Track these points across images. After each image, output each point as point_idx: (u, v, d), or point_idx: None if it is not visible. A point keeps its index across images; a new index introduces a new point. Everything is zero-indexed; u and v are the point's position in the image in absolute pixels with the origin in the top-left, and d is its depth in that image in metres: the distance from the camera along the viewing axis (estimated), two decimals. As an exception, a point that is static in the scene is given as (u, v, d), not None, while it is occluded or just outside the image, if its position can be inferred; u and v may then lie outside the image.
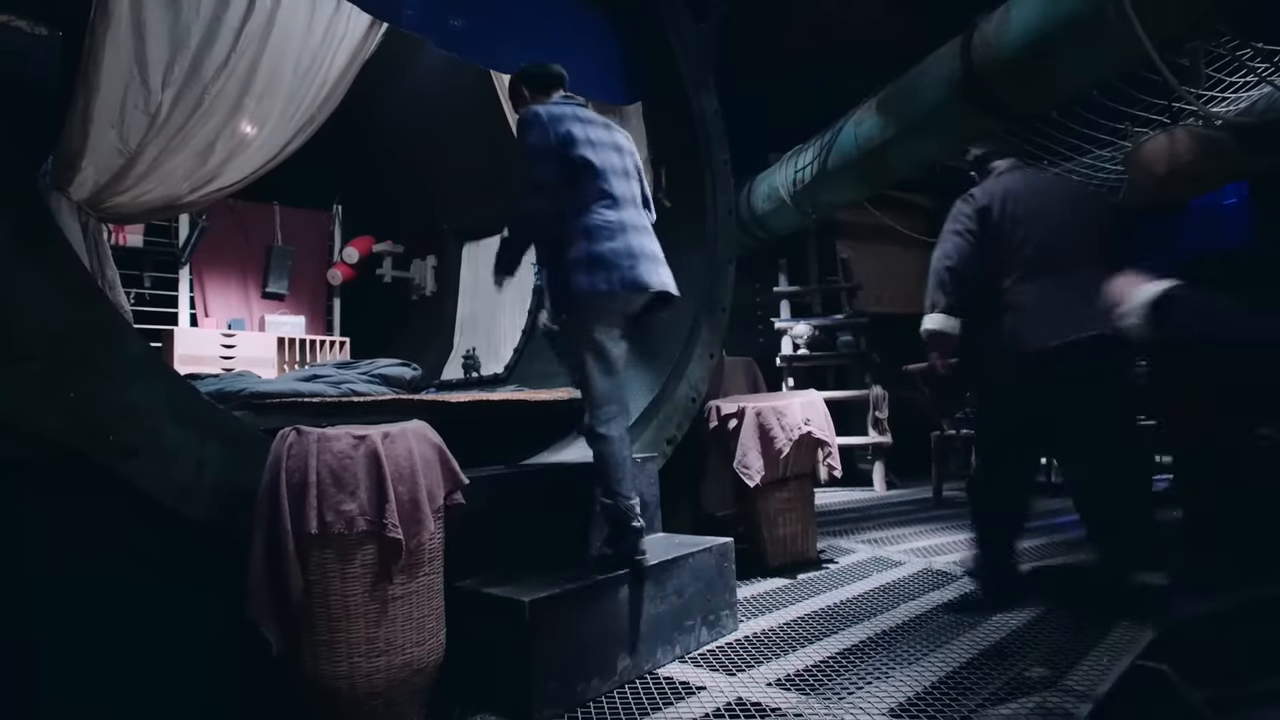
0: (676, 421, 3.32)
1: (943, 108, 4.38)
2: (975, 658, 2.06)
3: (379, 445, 1.72)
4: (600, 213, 2.25)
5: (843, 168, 5.25)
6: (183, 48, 2.16)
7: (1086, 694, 1.76)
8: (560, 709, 1.85)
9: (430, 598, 1.83)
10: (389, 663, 1.73)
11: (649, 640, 2.12)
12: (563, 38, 3.34)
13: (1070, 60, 3.65)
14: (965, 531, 3.90)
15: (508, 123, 3.29)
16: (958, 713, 1.69)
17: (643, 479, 2.69)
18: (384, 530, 1.67)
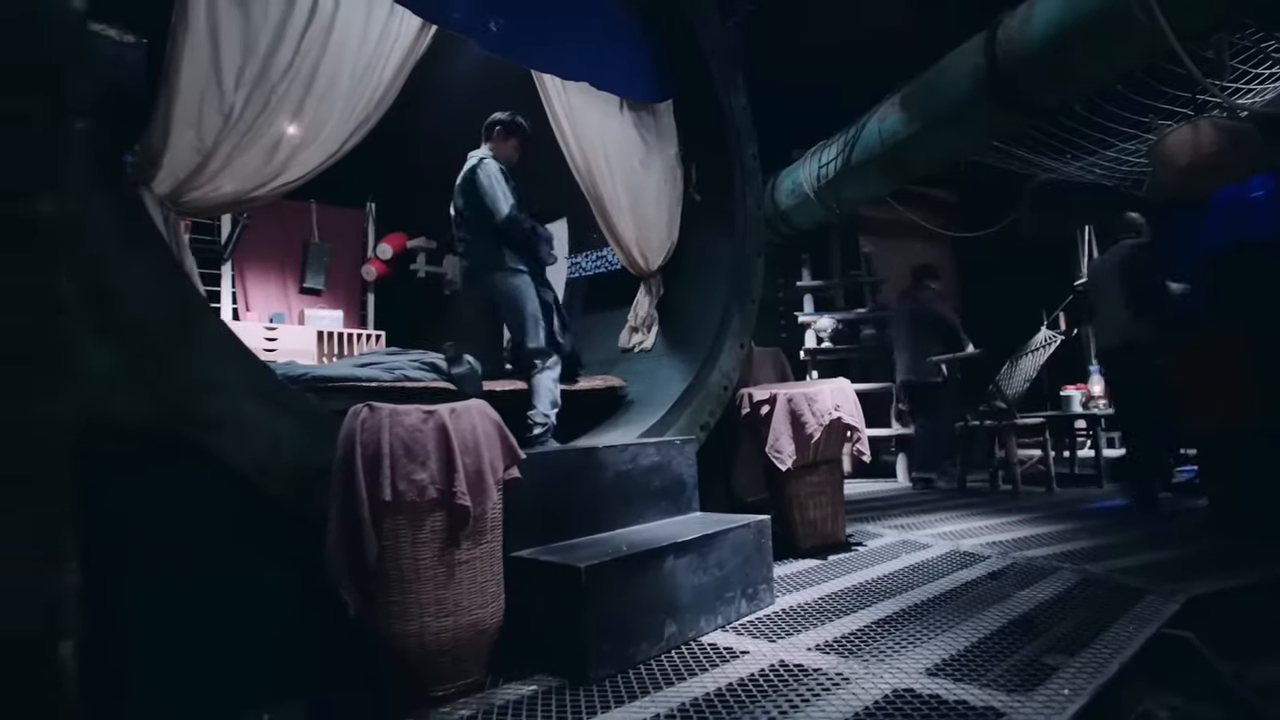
0: (709, 408, 3.43)
1: (966, 103, 4.45)
2: (1006, 626, 2.15)
3: (447, 420, 1.85)
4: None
5: (867, 163, 5.32)
6: (253, 51, 2.30)
7: (1112, 656, 1.85)
8: (613, 669, 1.97)
9: (492, 563, 1.96)
10: (456, 623, 1.86)
11: (693, 609, 2.23)
12: (597, 38, 3.46)
13: (1094, 54, 3.72)
14: (990, 518, 3.99)
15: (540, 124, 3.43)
16: (992, 673, 1.79)
17: (681, 460, 2.80)
18: (453, 498, 1.80)
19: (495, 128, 3.34)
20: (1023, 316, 6.59)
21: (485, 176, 3.12)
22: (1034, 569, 2.81)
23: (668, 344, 3.86)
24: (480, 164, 3.15)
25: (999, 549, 3.15)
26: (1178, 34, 3.07)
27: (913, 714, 1.59)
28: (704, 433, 3.35)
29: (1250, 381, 3.20)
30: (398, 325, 5.77)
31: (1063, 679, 1.73)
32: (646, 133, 3.80)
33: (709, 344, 3.59)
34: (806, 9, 6.28)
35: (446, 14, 2.77)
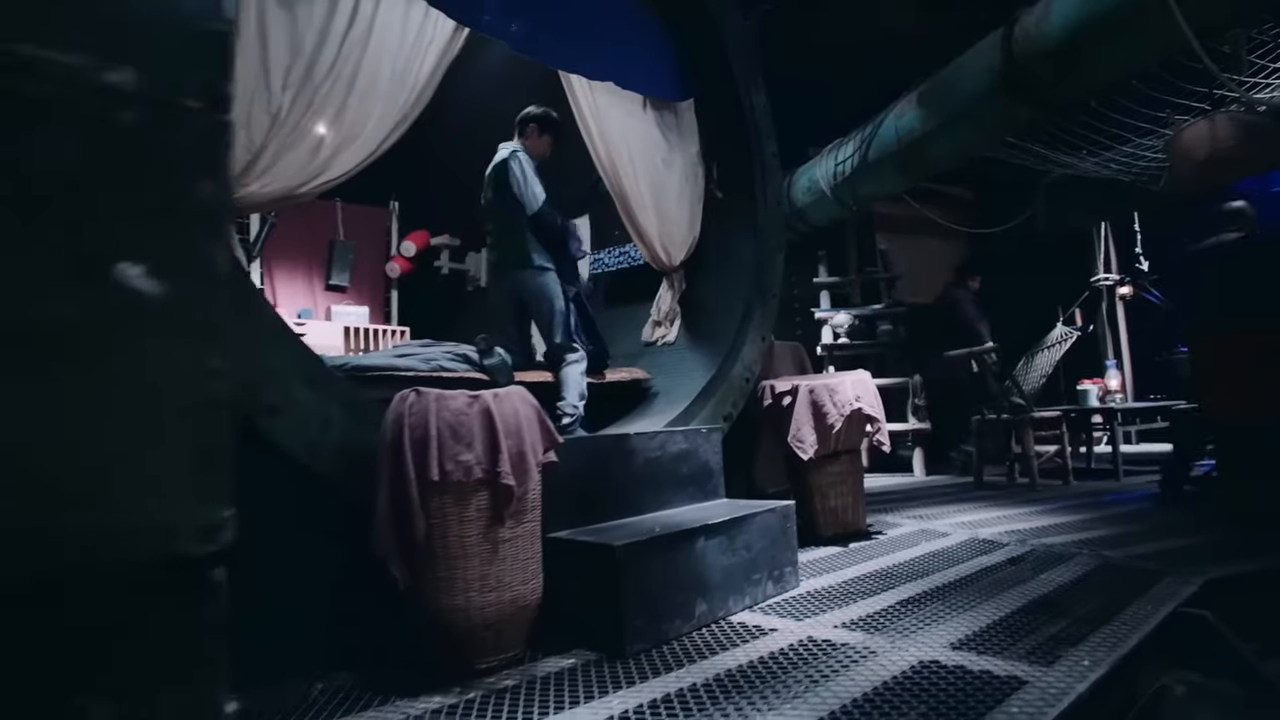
0: (732, 400, 3.51)
1: (984, 99, 4.49)
2: (1027, 605, 2.22)
3: (491, 404, 1.94)
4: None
5: (883, 160, 5.38)
6: (299, 53, 2.40)
7: (1131, 632, 1.92)
8: (648, 644, 2.05)
9: (532, 542, 2.05)
10: (499, 598, 1.95)
11: (722, 589, 2.31)
12: (622, 38, 3.55)
13: (1111, 50, 3.76)
14: (1008, 509, 4.05)
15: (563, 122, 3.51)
16: (1014, 648, 1.86)
17: (708, 448, 2.88)
18: (498, 478, 1.89)
19: (530, 123, 3.34)
20: (1039, 312, 6.64)
21: (518, 168, 3.16)
22: (1053, 555, 2.87)
23: (690, 338, 3.95)
24: (513, 155, 3.19)
25: (1017, 537, 3.21)
26: (1195, 29, 3.12)
27: (939, 682, 1.67)
28: (727, 424, 3.42)
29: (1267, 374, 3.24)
30: (421, 321, 5.89)
31: (1083, 651, 1.80)
32: (669, 131, 3.89)
33: (731, 337, 3.67)
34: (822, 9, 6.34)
35: (478, 16, 2.86)
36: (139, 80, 0.63)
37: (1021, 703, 1.53)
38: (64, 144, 0.59)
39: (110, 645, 0.59)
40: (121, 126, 0.62)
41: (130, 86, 0.63)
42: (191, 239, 0.65)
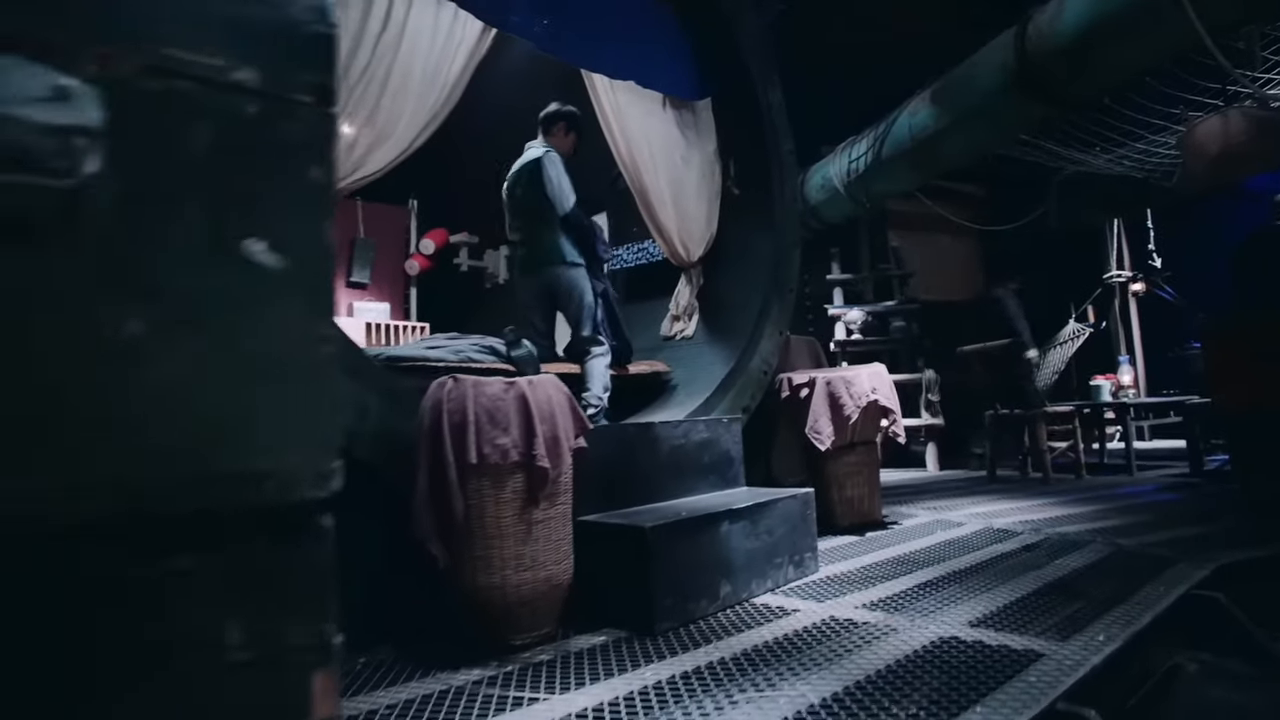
0: (750, 392, 3.58)
1: (997, 97, 4.54)
2: (1042, 588, 2.29)
3: (526, 390, 2.02)
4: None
5: (897, 157, 5.43)
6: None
7: (1144, 611, 1.98)
8: (675, 623, 2.13)
9: (564, 524, 2.13)
10: (534, 576, 2.03)
11: (745, 572, 2.39)
12: (642, 38, 3.63)
13: (1124, 47, 3.81)
14: (1022, 500, 4.10)
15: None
16: (1030, 625, 1.93)
17: (729, 437, 2.96)
18: (534, 460, 1.97)
19: (559, 121, 3.38)
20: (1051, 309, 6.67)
21: (554, 169, 3.21)
22: (1067, 542, 2.93)
23: (708, 332, 4.02)
24: (547, 156, 3.25)
25: (1031, 526, 3.27)
26: (1207, 26, 3.17)
27: (958, 655, 1.74)
28: (745, 415, 3.49)
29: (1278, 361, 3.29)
30: (440, 317, 5.99)
31: (1098, 628, 1.86)
32: (687, 129, 3.96)
33: (749, 331, 3.74)
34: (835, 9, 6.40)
35: (506, 17, 2.95)
36: (261, 79, 0.71)
37: (1039, 673, 1.59)
38: (203, 134, 0.68)
39: (245, 576, 0.68)
40: (246, 119, 0.71)
41: (254, 84, 0.71)
42: (305, 219, 0.73)
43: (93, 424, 0.60)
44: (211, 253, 0.67)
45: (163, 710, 0.63)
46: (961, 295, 7.22)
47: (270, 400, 0.69)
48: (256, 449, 0.68)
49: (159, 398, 0.63)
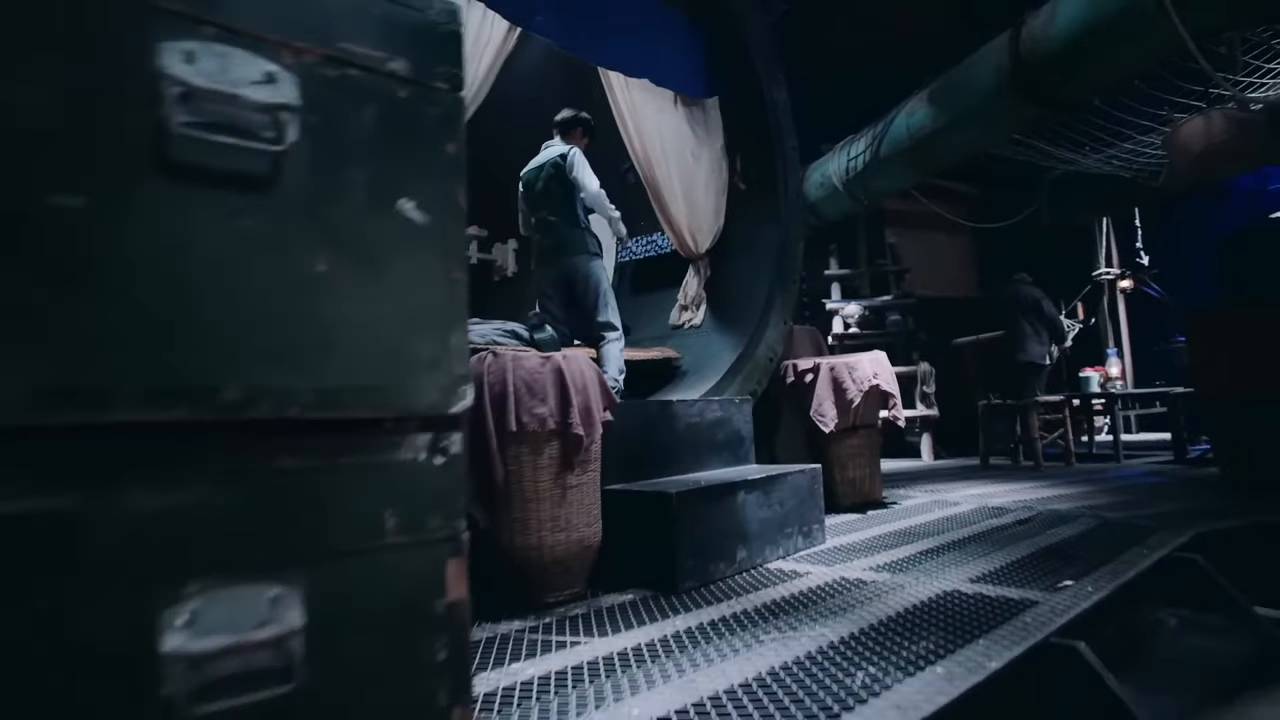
0: (757, 377, 3.75)
1: (992, 98, 4.74)
2: (1036, 553, 2.46)
3: (562, 364, 2.17)
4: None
5: (894, 156, 5.62)
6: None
7: (1129, 568, 2.15)
8: (696, 582, 2.29)
9: (594, 490, 2.29)
10: (567, 538, 2.19)
11: (759, 539, 2.55)
12: (655, 38, 3.79)
13: (1114, 51, 4.00)
14: (1015, 484, 4.28)
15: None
16: (1027, 582, 2.10)
17: (740, 417, 3.12)
18: (569, 428, 2.12)
19: (578, 126, 3.56)
20: (1043, 305, 6.87)
21: (581, 161, 3.40)
22: (1058, 516, 3.11)
23: (716, 321, 4.18)
24: (573, 151, 3.41)
25: (1024, 504, 3.45)
26: (1191, 31, 3.36)
27: (961, 604, 1.90)
28: (752, 399, 3.65)
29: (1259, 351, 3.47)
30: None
31: (1087, 582, 2.03)
32: (696, 126, 4.12)
33: (755, 320, 3.91)
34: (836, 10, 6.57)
35: (531, 17, 3.10)
36: (409, 68, 0.87)
37: (1033, 615, 1.76)
38: (368, 113, 0.83)
39: (401, 474, 0.83)
40: (398, 101, 0.86)
41: (404, 73, 0.87)
42: (442, 184, 0.89)
43: (295, 342, 0.76)
44: (375, 208, 0.83)
45: (343, 577, 0.78)
46: (956, 291, 7.42)
47: (420, 328, 0.85)
48: (412, 368, 0.84)
49: (340, 323, 0.79)
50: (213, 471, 0.71)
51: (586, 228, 3.43)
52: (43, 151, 0.63)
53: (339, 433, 0.79)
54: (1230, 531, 2.66)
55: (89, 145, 0.66)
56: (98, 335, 0.65)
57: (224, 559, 0.71)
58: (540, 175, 3.49)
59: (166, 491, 0.68)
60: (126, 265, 0.66)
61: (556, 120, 3.57)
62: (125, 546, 0.66)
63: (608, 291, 3.44)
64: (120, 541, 0.66)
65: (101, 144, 0.66)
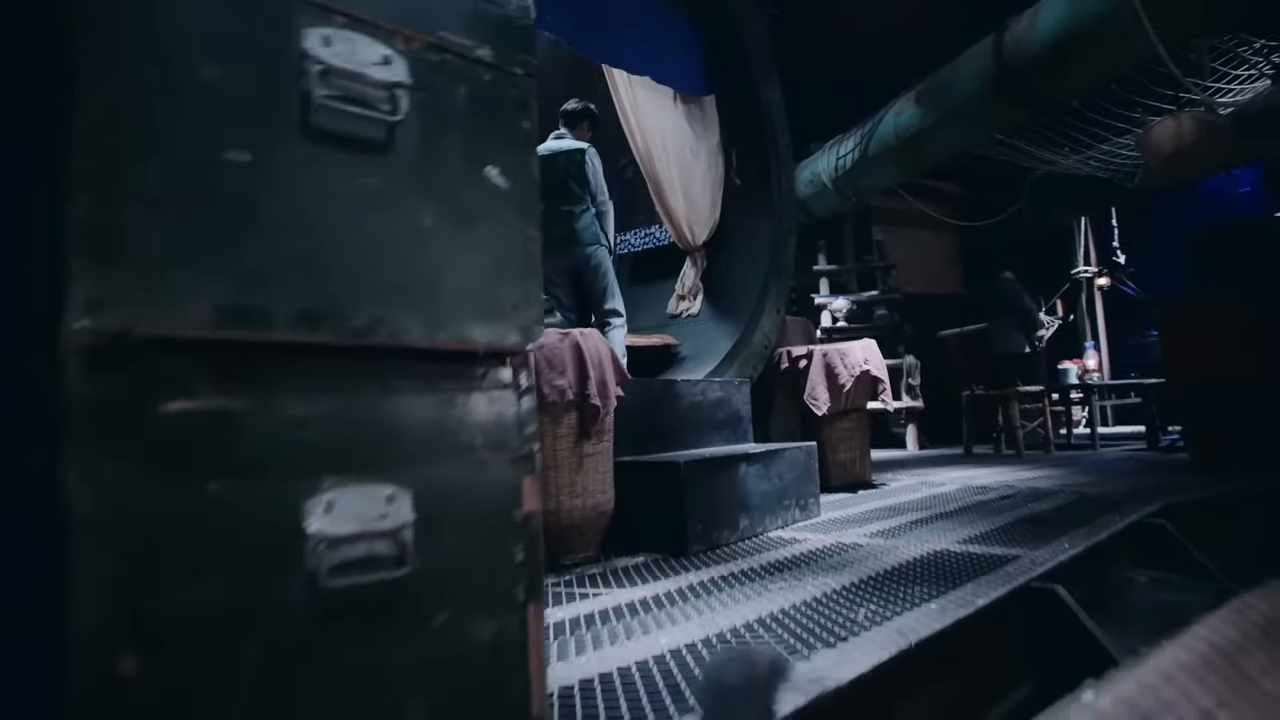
0: (753, 363, 3.91)
1: (976, 99, 4.94)
2: (1018, 520, 2.64)
3: (579, 339, 2.32)
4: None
5: (883, 154, 5.81)
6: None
7: (1102, 530, 2.34)
8: (703, 547, 2.44)
9: (607, 459, 2.44)
10: (583, 504, 2.33)
11: (759, 510, 2.71)
12: (657, 38, 3.94)
13: (1091, 56, 4.21)
14: (997, 468, 4.48)
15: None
16: (1011, 542, 2.27)
17: (739, 397, 3.28)
18: (587, 399, 2.27)
19: (584, 120, 3.67)
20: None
21: (596, 162, 3.55)
22: (1039, 493, 3.30)
23: (712, 310, 4.34)
24: (589, 150, 3.56)
25: (1006, 484, 3.64)
26: (1163, 39, 3.56)
27: (950, 560, 2.07)
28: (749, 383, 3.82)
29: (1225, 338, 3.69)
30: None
31: (1064, 541, 2.21)
32: (695, 123, 4.28)
33: (751, 309, 4.07)
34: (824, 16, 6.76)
35: (542, 16, 3.23)
36: (493, 55, 1.01)
37: (1016, 566, 1.94)
38: (461, 92, 0.97)
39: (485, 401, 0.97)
40: (485, 83, 1.00)
41: (489, 59, 1.01)
42: (520, 155, 1.03)
43: (407, 282, 0.90)
44: (468, 173, 0.97)
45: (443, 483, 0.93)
46: (941, 287, 7.65)
47: (504, 276, 1.00)
48: (497, 310, 0.98)
49: (442, 268, 0.93)
50: (343, 387, 0.85)
51: (595, 219, 3.57)
52: (221, 116, 0.77)
53: (441, 361, 0.94)
54: (1196, 503, 2.86)
55: (254, 111, 0.80)
56: (261, 267, 0.79)
57: (352, 461, 0.85)
58: (555, 166, 3.59)
59: (308, 401, 0.82)
60: (281, 211, 0.81)
61: (564, 110, 3.69)
62: (277, 444, 0.80)
63: (614, 280, 3.59)
64: (274, 439, 0.80)
65: (262, 111, 0.80)
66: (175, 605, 0.72)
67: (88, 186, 0.70)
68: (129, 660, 0.69)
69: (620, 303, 3.60)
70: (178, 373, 0.74)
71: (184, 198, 0.75)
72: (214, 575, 0.75)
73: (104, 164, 0.71)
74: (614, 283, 3.59)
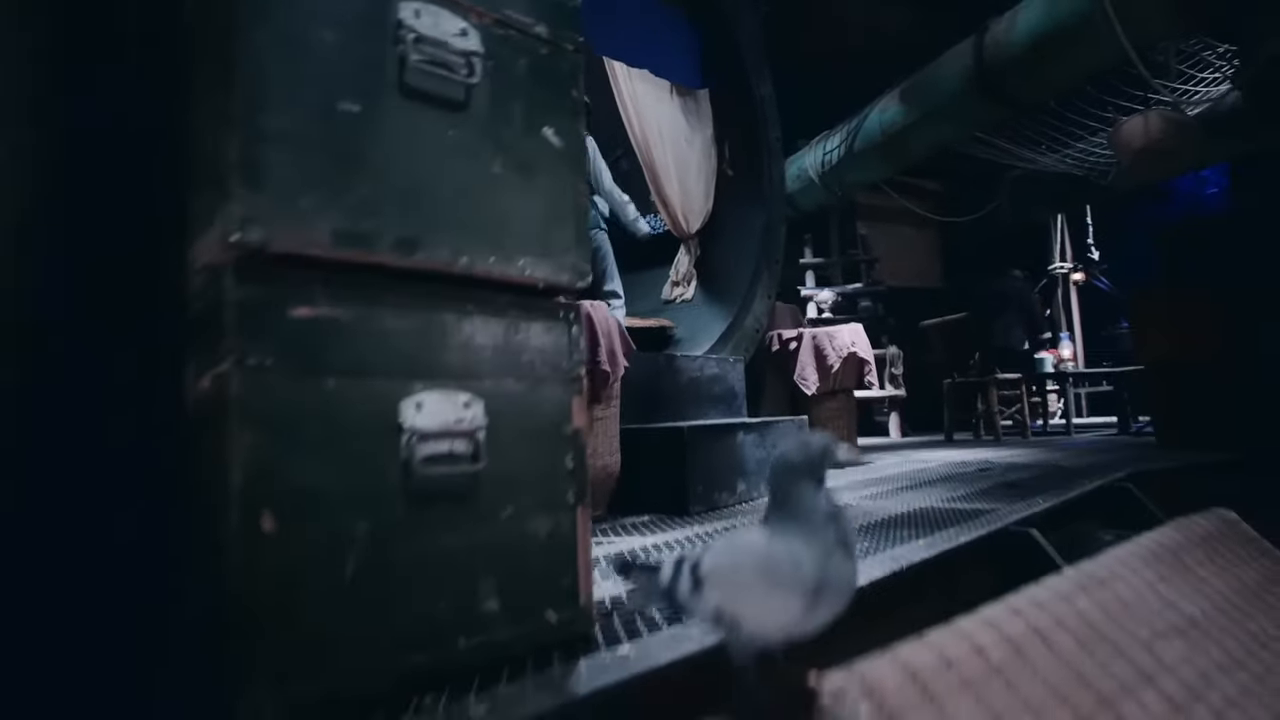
0: (745, 345, 4.08)
1: (958, 97, 5.15)
2: (996, 485, 2.83)
3: (590, 309, 2.47)
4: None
5: (868, 150, 6.02)
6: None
7: (1072, 490, 2.53)
8: (704, 507, 2.60)
9: (615, 424, 2.59)
10: (593, 465, 2.47)
11: (755, 476, 2.87)
12: (656, 32, 4.10)
13: (1067, 57, 4.43)
14: (978, 450, 4.68)
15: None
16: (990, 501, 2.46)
17: (734, 374, 3.44)
18: (598, 365, 2.42)
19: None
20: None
21: (596, 153, 3.68)
22: (1017, 466, 3.50)
23: (705, 296, 4.51)
24: (590, 140, 3.72)
25: (985, 460, 3.84)
26: (1132, 41, 3.78)
27: (936, 513, 2.25)
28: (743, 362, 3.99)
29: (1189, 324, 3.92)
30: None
31: (1038, 499, 2.40)
32: (690, 115, 4.44)
33: (743, 294, 4.24)
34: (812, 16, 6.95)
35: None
36: (548, 31, 1.17)
37: (993, 516, 2.12)
38: (523, 62, 1.12)
39: (544, 330, 1.13)
40: (541, 56, 1.16)
41: (545, 35, 1.16)
42: (568, 117, 1.18)
43: (482, 220, 1.05)
44: (529, 132, 1.13)
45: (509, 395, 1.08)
46: (922, 281, 7.88)
47: (559, 222, 1.15)
48: (553, 251, 1.14)
49: (509, 211, 1.09)
50: (429, 306, 1.00)
51: (595, 204, 3.72)
52: (336, 74, 0.92)
53: (507, 291, 1.09)
54: (1159, 470, 3.07)
55: (361, 70, 0.95)
56: (368, 200, 0.94)
57: (436, 369, 1.00)
58: None
59: (402, 316, 0.97)
60: (383, 154, 0.96)
61: None
62: (378, 350, 0.95)
63: (613, 263, 3.75)
64: (375, 347, 0.95)
65: (368, 70, 0.95)
66: (303, 476, 0.87)
67: (239, 127, 0.84)
68: (268, 518, 0.83)
69: (619, 285, 3.76)
70: (302, 284, 0.89)
71: (309, 140, 0.90)
72: (332, 455, 0.90)
73: (249, 108, 0.85)
74: (613, 265, 3.74)
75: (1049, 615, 0.84)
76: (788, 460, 0.58)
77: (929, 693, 0.64)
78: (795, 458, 0.58)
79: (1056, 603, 0.87)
